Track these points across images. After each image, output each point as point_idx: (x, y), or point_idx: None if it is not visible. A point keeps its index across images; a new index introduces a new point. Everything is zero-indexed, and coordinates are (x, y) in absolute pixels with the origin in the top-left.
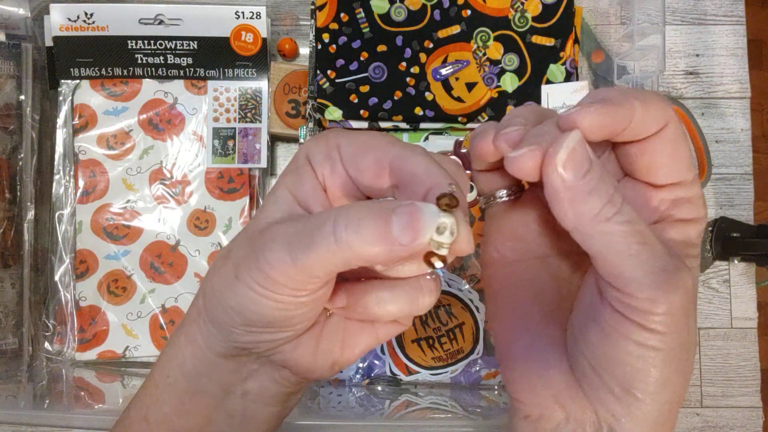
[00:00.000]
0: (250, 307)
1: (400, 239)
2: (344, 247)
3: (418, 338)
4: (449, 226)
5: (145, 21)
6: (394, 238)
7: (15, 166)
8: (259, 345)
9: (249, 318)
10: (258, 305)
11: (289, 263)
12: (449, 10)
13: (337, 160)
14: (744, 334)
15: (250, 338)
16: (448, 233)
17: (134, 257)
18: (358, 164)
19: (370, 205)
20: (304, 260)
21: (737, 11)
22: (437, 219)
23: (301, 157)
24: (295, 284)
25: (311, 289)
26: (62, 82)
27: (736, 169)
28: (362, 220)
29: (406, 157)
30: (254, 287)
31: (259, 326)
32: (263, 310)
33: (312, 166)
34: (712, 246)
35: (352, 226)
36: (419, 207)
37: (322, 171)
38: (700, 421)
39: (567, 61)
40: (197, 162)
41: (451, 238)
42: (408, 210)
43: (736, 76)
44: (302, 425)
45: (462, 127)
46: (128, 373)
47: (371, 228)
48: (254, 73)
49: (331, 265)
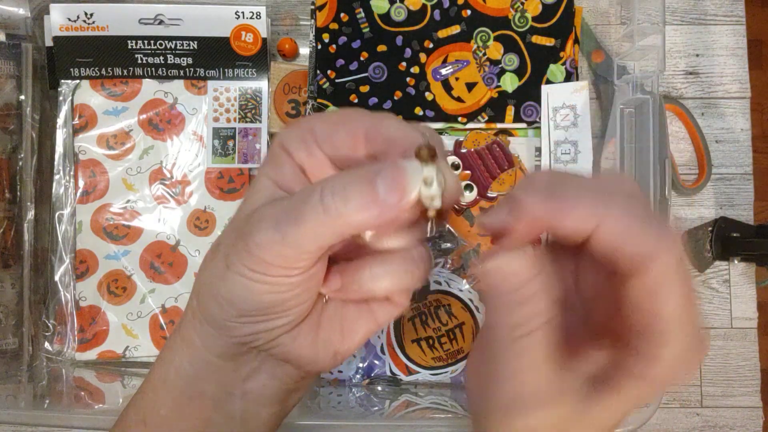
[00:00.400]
0: (243, 294)
1: (388, 200)
2: (334, 217)
3: (418, 338)
4: (435, 176)
5: (145, 21)
6: (381, 200)
7: (15, 166)
8: (258, 337)
9: (242, 307)
10: (250, 291)
11: (279, 241)
12: (449, 10)
13: (312, 142)
14: (744, 334)
15: (247, 330)
16: (435, 184)
17: (134, 257)
18: (333, 141)
19: (353, 171)
20: (295, 235)
21: (737, 11)
22: (421, 172)
23: (276, 146)
24: (287, 262)
25: (303, 266)
26: (62, 82)
27: (736, 169)
28: (348, 187)
29: (378, 125)
30: (245, 272)
31: (254, 314)
32: (256, 296)
33: (288, 152)
34: (712, 246)
35: (339, 194)
36: (401, 164)
37: (299, 155)
38: (700, 421)
39: (567, 61)
40: (197, 162)
41: (440, 188)
42: (391, 169)
43: (736, 76)
44: (302, 425)
45: (462, 127)
46: (128, 373)
47: (358, 193)
48: (254, 73)
49: (322, 237)
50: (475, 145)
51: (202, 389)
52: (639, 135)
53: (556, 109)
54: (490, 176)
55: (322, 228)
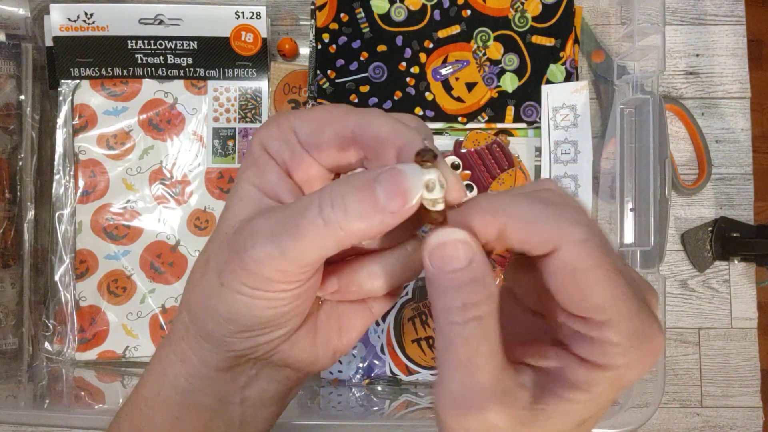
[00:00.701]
0: (242, 311)
1: (390, 207)
2: (335, 228)
3: (418, 338)
4: (437, 180)
5: (145, 21)
6: (383, 208)
7: (15, 166)
8: (257, 349)
9: (242, 323)
10: (250, 308)
11: (278, 256)
12: (449, 10)
13: (295, 143)
14: (744, 334)
15: (247, 344)
16: (438, 187)
17: (134, 257)
18: (318, 143)
19: (350, 179)
20: (294, 249)
21: (737, 11)
22: (423, 177)
23: (256, 147)
24: (286, 277)
25: (303, 279)
26: (62, 82)
27: (736, 169)
28: (346, 197)
29: (366, 123)
30: (243, 290)
31: (254, 330)
32: (256, 311)
33: (270, 155)
34: (712, 246)
35: (338, 205)
36: (401, 169)
37: (282, 157)
38: (700, 421)
39: (567, 61)
40: (197, 162)
41: (443, 191)
42: (390, 175)
43: (736, 76)
44: (302, 425)
45: (462, 127)
46: (128, 373)
47: (357, 203)
48: (254, 73)
49: (322, 249)
50: (475, 145)
51: (200, 401)
52: (639, 135)
53: (556, 109)
54: (490, 176)
55: (322, 240)
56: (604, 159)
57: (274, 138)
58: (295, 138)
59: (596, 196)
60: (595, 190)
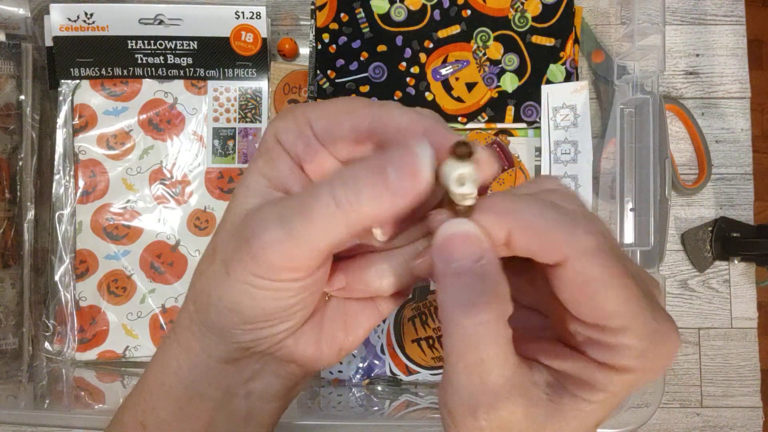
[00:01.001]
0: (247, 302)
1: (400, 185)
2: (347, 210)
3: (418, 338)
4: (469, 175)
5: (145, 21)
6: (393, 186)
7: (15, 166)
8: (262, 342)
9: (247, 315)
10: (255, 299)
11: (285, 240)
12: (449, 10)
13: (310, 135)
14: (744, 334)
15: (251, 336)
16: (470, 183)
17: (134, 257)
18: (333, 136)
19: (363, 162)
20: (303, 231)
21: (737, 11)
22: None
23: (269, 138)
24: (294, 262)
25: (311, 266)
26: (62, 82)
27: (736, 169)
28: (359, 177)
29: (385, 115)
30: (249, 279)
31: (259, 321)
32: (261, 303)
33: (284, 147)
34: (712, 246)
35: (351, 186)
36: (410, 146)
37: (296, 150)
38: (700, 421)
39: (567, 61)
40: (197, 162)
41: (475, 188)
42: (399, 153)
43: (736, 76)
44: (302, 425)
45: (462, 127)
46: (128, 373)
47: (370, 183)
48: (254, 73)
49: (333, 233)
50: None
51: (204, 392)
52: (639, 135)
53: (556, 109)
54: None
55: (334, 223)
56: (604, 159)
57: (289, 130)
58: (311, 130)
59: (596, 196)
60: (595, 190)
